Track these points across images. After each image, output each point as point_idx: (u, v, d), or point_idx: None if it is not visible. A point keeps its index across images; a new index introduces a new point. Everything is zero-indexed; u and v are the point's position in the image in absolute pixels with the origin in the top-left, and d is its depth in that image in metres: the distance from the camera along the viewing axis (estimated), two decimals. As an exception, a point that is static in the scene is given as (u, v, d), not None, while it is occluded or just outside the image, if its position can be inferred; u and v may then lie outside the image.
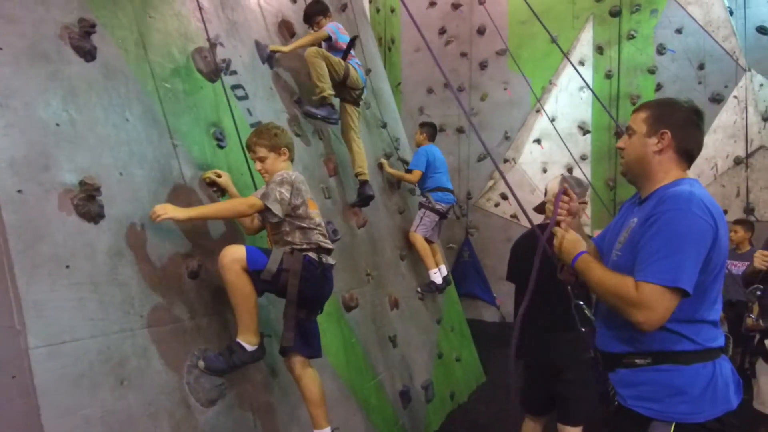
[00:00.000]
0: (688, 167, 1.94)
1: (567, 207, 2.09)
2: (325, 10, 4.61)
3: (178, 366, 2.50)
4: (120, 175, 2.50)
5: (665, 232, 1.71)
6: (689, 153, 1.92)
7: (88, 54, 2.54)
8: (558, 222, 2.09)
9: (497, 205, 9.08)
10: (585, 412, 3.20)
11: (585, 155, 8.43)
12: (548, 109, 8.65)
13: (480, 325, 7.79)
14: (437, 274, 5.45)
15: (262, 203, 2.66)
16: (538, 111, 8.72)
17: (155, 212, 2.46)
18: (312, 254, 2.77)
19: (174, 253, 2.67)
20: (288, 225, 2.77)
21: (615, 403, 1.91)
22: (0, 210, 1.99)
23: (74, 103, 2.42)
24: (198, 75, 3.25)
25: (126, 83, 2.73)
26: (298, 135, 4.13)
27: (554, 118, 8.62)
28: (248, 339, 2.62)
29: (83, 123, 2.42)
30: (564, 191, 2.09)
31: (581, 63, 8.41)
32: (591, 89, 5.55)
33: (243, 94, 3.60)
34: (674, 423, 1.75)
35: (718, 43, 7.72)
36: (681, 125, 1.89)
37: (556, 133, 7.80)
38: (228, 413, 2.67)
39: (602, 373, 1.98)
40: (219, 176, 2.97)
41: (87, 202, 2.27)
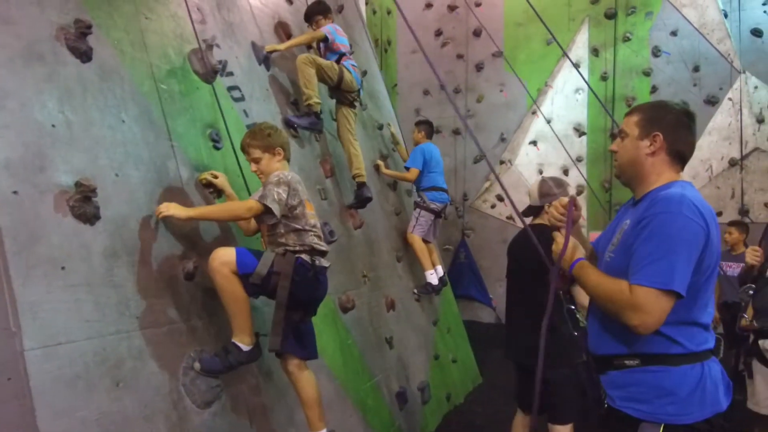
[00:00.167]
0: (681, 169, 1.95)
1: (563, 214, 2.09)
2: (326, 11, 4.61)
3: (174, 368, 2.50)
4: (116, 177, 2.50)
5: (657, 235, 1.72)
6: (681, 155, 1.93)
7: (84, 55, 2.54)
8: (558, 227, 2.09)
9: (493, 207, 9.10)
10: (570, 412, 3.22)
11: (581, 157, 8.46)
12: (544, 111, 8.68)
13: (476, 327, 7.80)
14: (433, 275, 5.46)
15: (261, 206, 2.63)
16: (534, 113, 8.75)
17: (159, 210, 2.55)
18: (305, 256, 2.73)
19: (170, 255, 2.66)
20: (283, 226, 2.74)
21: (605, 406, 1.91)
22: (-5, 211, 1.99)
23: (70, 104, 2.41)
24: (194, 76, 3.25)
25: (122, 84, 2.73)
26: (295, 136, 4.13)
27: (550, 120, 8.65)
28: (243, 339, 2.62)
29: (79, 124, 2.42)
30: (573, 203, 2.08)
31: (577, 65, 8.44)
32: (591, 89, 5.57)
33: (239, 96, 3.60)
34: (663, 424, 1.76)
35: (713, 46, 7.77)
36: (672, 127, 1.90)
37: (552, 135, 7.84)
38: (224, 415, 2.66)
39: (595, 377, 1.99)
40: (215, 177, 2.97)
41: (83, 204, 2.26)
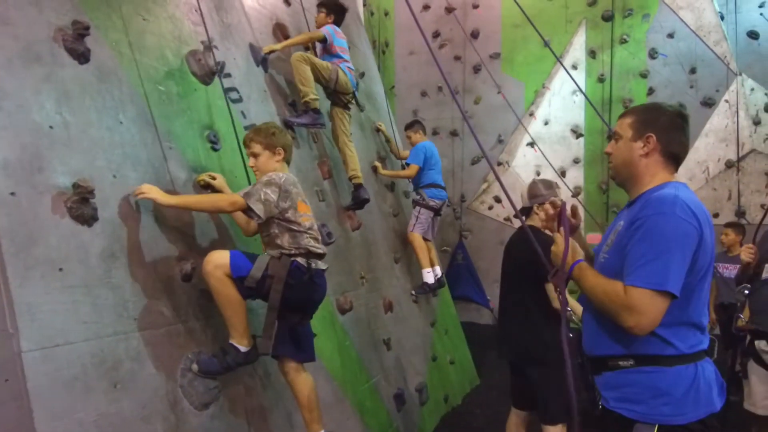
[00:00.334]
0: (676, 170, 1.97)
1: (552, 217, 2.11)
2: (335, 12, 4.62)
3: (172, 369, 2.49)
4: (114, 178, 2.49)
5: (650, 236, 1.73)
6: (675, 156, 1.94)
7: (82, 56, 2.54)
8: (549, 228, 2.10)
9: (491, 208, 9.11)
10: (557, 411, 3.23)
11: (578, 158, 8.48)
12: (541, 113, 8.70)
13: (474, 328, 7.79)
14: (430, 273, 5.44)
15: (244, 202, 2.60)
16: (532, 114, 8.77)
17: (141, 190, 2.47)
18: (300, 259, 2.70)
19: (167, 256, 2.66)
20: (277, 227, 2.71)
21: (600, 407, 1.91)
22: (-7, 212, 1.98)
23: (68, 106, 2.41)
24: (192, 78, 3.25)
25: (120, 86, 2.73)
26: (293, 138, 4.13)
27: (547, 122, 8.66)
28: (241, 341, 2.62)
29: (77, 125, 2.42)
30: (566, 207, 2.09)
31: (574, 67, 8.46)
32: (584, 94, 5.59)
33: (237, 97, 3.60)
34: (657, 425, 1.76)
35: (710, 48, 7.79)
36: (665, 129, 1.91)
37: (550, 137, 7.85)
38: (222, 416, 2.66)
39: (590, 378, 1.99)
40: (213, 179, 2.97)
41: (80, 205, 2.26)
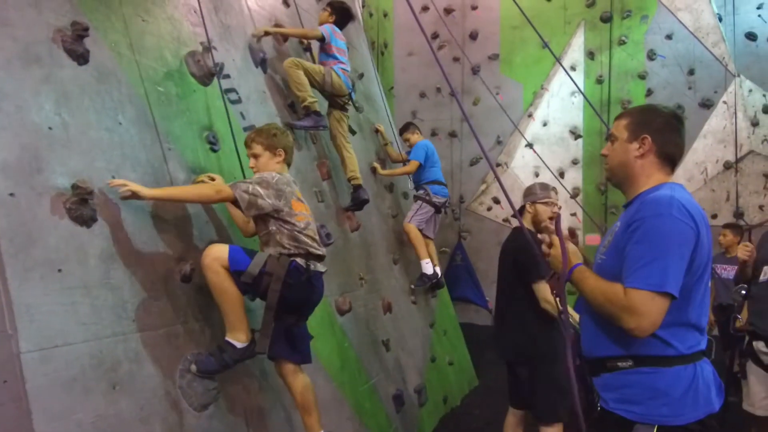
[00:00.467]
0: (672, 171, 1.97)
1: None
2: (338, 13, 4.62)
3: (171, 370, 2.49)
4: (113, 179, 2.49)
5: (648, 238, 1.74)
6: (671, 157, 1.95)
7: (81, 57, 2.54)
8: (540, 230, 2.11)
9: (489, 209, 9.11)
10: (550, 410, 3.27)
11: (577, 160, 8.48)
12: (540, 114, 8.71)
13: (472, 329, 7.79)
14: (429, 265, 5.42)
15: (231, 192, 2.59)
16: (530, 115, 8.77)
17: (115, 183, 2.38)
18: (300, 260, 2.70)
19: (166, 257, 2.66)
20: (272, 225, 2.71)
21: (598, 408, 1.91)
22: (-8, 213, 1.98)
23: (67, 107, 2.41)
24: (191, 79, 3.25)
25: (119, 87, 2.73)
26: (292, 140, 4.13)
27: (546, 123, 8.67)
28: (237, 337, 2.61)
29: (76, 126, 2.42)
30: (572, 233, 2.10)
31: (573, 68, 8.47)
32: (583, 94, 5.59)
33: (236, 98, 3.60)
34: (656, 426, 1.77)
35: (708, 49, 7.81)
36: (660, 130, 1.93)
37: (549, 138, 7.86)
38: (221, 417, 2.66)
39: (588, 380, 1.99)
40: (213, 179, 2.97)
41: (79, 206, 2.26)
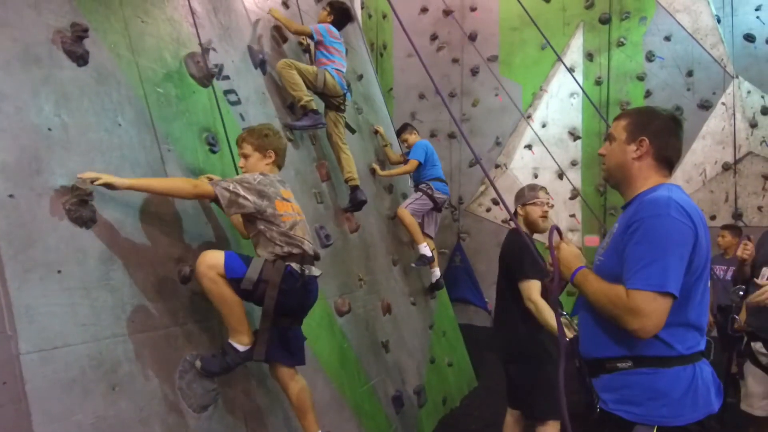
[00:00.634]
0: (669, 174, 1.98)
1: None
2: (336, 14, 4.62)
3: (170, 371, 2.49)
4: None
5: (648, 239, 1.74)
6: (668, 160, 1.96)
7: (81, 58, 2.54)
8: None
9: (489, 210, 9.12)
10: (539, 408, 3.28)
11: (575, 161, 8.49)
12: (539, 115, 8.72)
13: (472, 330, 7.80)
14: (426, 248, 5.39)
15: (211, 189, 2.56)
16: (529, 117, 8.78)
17: (84, 176, 2.27)
18: (295, 265, 2.67)
19: (166, 258, 2.66)
20: (260, 225, 2.67)
21: (598, 410, 1.91)
22: (-9, 215, 1.98)
23: (66, 108, 2.41)
24: (190, 80, 3.25)
25: (118, 88, 2.73)
26: (291, 140, 4.13)
27: (545, 124, 8.68)
28: (240, 339, 2.61)
29: (75, 127, 2.42)
30: (556, 228, 2.10)
31: (572, 69, 8.47)
32: (586, 94, 5.60)
33: (235, 99, 3.61)
34: (656, 426, 1.77)
35: (706, 51, 7.82)
36: (659, 133, 1.93)
37: (548, 139, 7.85)
38: (220, 419, 2.66)
39: (587, 381, 1.99)
40: (211, 180, 2.97)
41: (79, 207, 2.26)
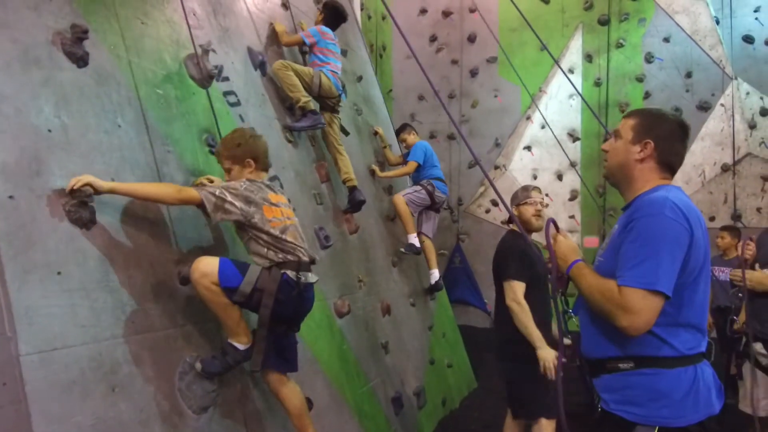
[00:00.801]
0: (670, 178, 1.97)
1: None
2: (329, 14, 4.61)
3: (170, 373, 2.49)
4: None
5: (641, 237, 1.75)
6: (670, 165, 1.95)
7: (81, 60, 2.54)
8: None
9: (488, 212, 9.12)
10: (531, 407, 3.33)
11: (575, 162, 8.50)
12: (538, 117, 8.72)
13: (471, 331, 7.80)
14: (416, 238, 5.38)
15: (197, 194, 2.49)
16: (528, 118, 8.79)
17: (70, 184, 2.23)
18: (290, 273, 2.63)
19: (165, 260, 2.66)
20: (250, 233, 2.63)
21: (599, 410, 1.91)
22: (-9, 216, 1.98)
23: (66, 109, 2.41)
24: (190, 81, 3.26)
25: (118, 89, 2.73)
26: (290, 141, 4.14)
27: (544, 126, 8.68)
28: (239, 339, 2.61)
29: (75, 129, 2.42)
30: (552, 222, 2.11)
31: (571, 71, 8.49)
32: (582, 97, 5.60)
33: (235, 101, 3.61)
34: (657, 427, 1.77)
35: (705, 52, 7.84)
36: (664, 137, 1.93)
37: (547, 140, 7.85)
38: (220, 420, 2.66)
39: (588, 381, 2.00)
40: (211, 182, 2.96)
41: (79, 208, 2.26)
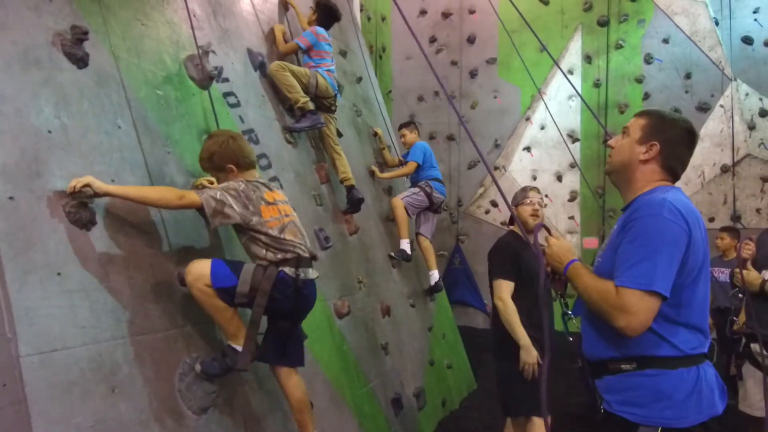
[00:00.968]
0: (671, 181, 1.97)
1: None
2: (322, 14, 4.59)
3: (170, 374, 2.49)
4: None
5: (639, 238, 1.75)
6: (673, 169, 1.96)
7: (81, 61, 2.54)
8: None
9: (487, 212, 9.13)
10: (519, 404, 3.37)
11: (574, 163, 8.50)
12: (538, 118, 8.73)
13: (471, 332, 7.80)
14: (408, 245, 5.37)
15: (197, 198, 2.46)
16: (528, 119, 8.80)
17: (70, 185, 2.23)
18: (288, 269, 2.62)
19: (165, 261, 2.66)
20: (250, 232, 2.61)
21: (601, 411, 1.91)
22: (-9, 217, 1.98)
23: (66, 110, 2.41)
24: (190, 82, 3.26)
25: (118, 90, 2.73)
26: (290, 142, 4.14)
27: (543, 127, 8.69)
28: (238, 342, 2.60)
29: (75, 130, 2.42)
30: (541, 227, 2.12)
31: (570, 72, 8.50)
32: (581, 98, 5.60)
33: (235, 102, 3.61)
34: (660, 428, 1.77)
35: (705, 53, 7.85)
36: (671, 141, 1.93)
37: (546, 141, 7.85)
38: (220, 421, 2.65)
39: (590, 383, 1.99)
40: (211, 183, 2.96)
41: (79, 209, 2.27)
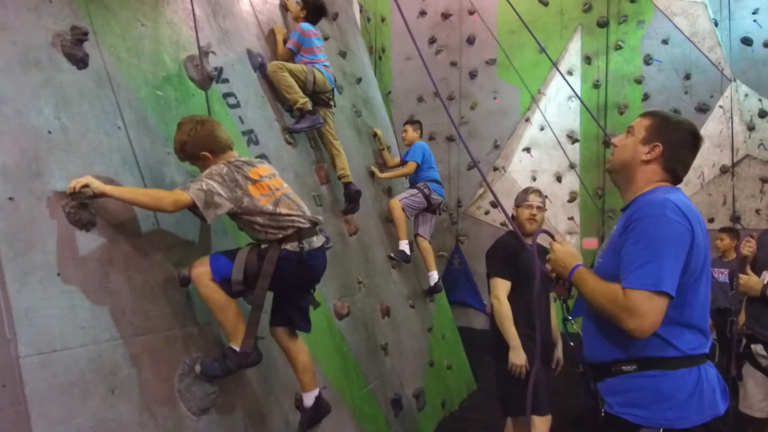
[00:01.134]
0: (672, 183, 1.96)
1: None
2: (309, 9, 4.53)
3: (170, 374, 2.49)
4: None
5: (643, 238, 1.75)
6: (674, 172, 1.95)
7: (81, 61, 2.55)
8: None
9: (487, 213, 9.12)
10: (515, 405, 3.42)
11: (573, 164, 8.51)
12: (537, 118, 8.73)
13: (470, 333, 7.79)
14: (407, 245, 5.36)
15: (189, 198, 2.41)
16: (528, 120, 8.80)
17: (70, 186, 2.23)
18: (290, 246, 2.58)
19: (165, 261, 2.66)
20: (244, 215, 2.56)
21: (603, 413, 1.91)
22: (-9, 217, 1.98)
23: (66, 111, 2.41)
24: (190, 83, 3.26)
25: (118, 91, 2.73)
26: (290, 143, 4.14)
27: (543, 127, 8.69)
28: (238, 342, 2.59)
29: (75, 130, 2.42)
30: (540, 233, 2.13)
31: (569, 73, 8.50)
32: (580, 99, 5.60)
33: (235, 102, 3.61)
34: (662, 429, 1.77)
35: (704, 54, 7.85)
36: (675, 144, 1.92)
37: (546, 142, 7.85)
38: (220, 422, 2.65)
39: (591, 385, 1.99)
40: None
41: (78, 210, 2.27)
